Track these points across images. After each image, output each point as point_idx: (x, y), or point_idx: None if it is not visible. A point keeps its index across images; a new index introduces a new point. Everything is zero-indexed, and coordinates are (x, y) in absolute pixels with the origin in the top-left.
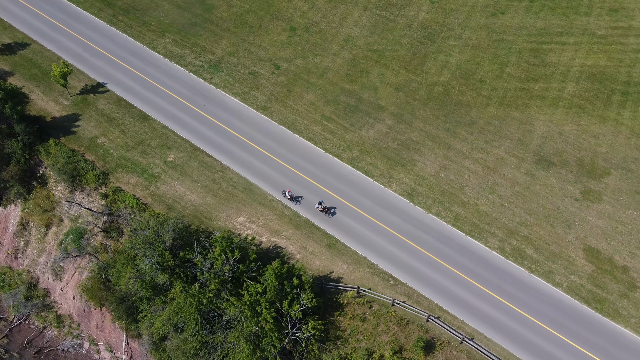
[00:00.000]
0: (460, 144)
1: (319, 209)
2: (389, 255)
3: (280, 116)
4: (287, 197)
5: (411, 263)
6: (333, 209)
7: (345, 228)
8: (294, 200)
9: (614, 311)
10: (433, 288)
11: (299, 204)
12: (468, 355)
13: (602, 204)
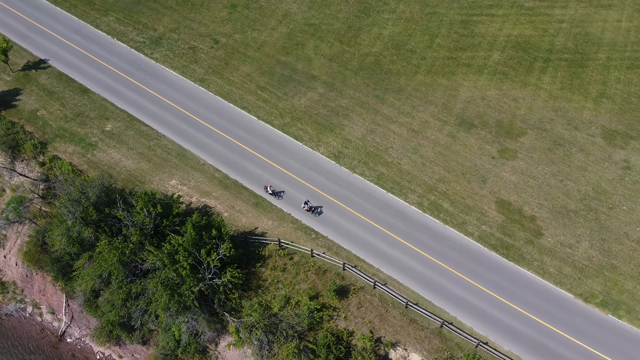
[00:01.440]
0: (388, 109)
1: (305, 209)
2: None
3: (217, 87)
4: (269, 192)
5: (332, 218)
6: (319, 208)
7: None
8: (275, 195)
9: (519, 256)
10: (352, 240)
11: (280, 199)
12: (380, 298)
13: (516, 161)
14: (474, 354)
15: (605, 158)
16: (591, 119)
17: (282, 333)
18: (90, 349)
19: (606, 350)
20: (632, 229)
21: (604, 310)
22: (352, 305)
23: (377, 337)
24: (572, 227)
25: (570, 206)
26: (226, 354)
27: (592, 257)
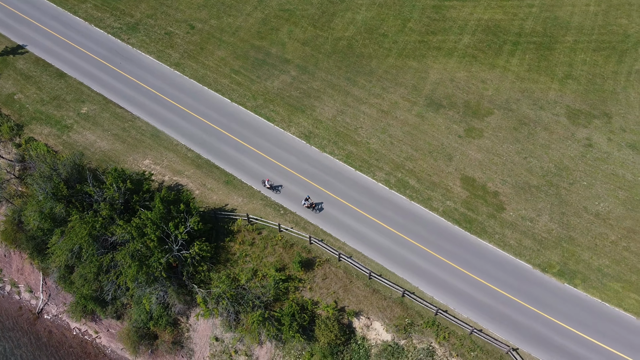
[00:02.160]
0: (359, 91)
1: (305, 205)
2: (282, 189)
3: (192, 71)
4: (267, 186)
5: (302, 195)
6: (320, 204)
7: (243, 167)
8: (273, 189)
9: (482, 230)
10: (319, 215)
11: (279, 193)
12: (345, 270)
13: (482, 139)
14: (433, 321)
15: (569, 136)
16: (556, 99)
17: (249, 303)
18: (67, 326)
19: (561, 316)
20: (590, 203)
21: (560, 280)
22: (318, 277)
23: (341, 306)
24: (534, 201)
25: (533, 182)
26: (197, 325)
27: (551, 229)
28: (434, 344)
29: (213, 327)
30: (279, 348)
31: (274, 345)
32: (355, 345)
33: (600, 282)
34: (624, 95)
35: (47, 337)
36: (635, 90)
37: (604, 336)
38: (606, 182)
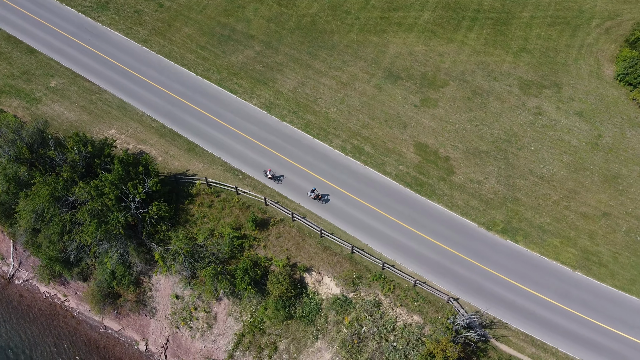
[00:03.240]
0: (320, 64)
1: (311, 197)
2: (240, 155)
3: (159, 47)
4: (269, 176)
5: (259, 160)
6: (326, 196)
7: (205, 135)
8: (275, 179)
9: (431, 192)
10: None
11: (280, 182)
12: (298, 229)
13: (437, 109)
14: (380, 274)
15: (519, 105)
16: (510, 71)
17: (205, 260)
18: (37, 290)
19: (501, 269)
20: (536, 166)
21: (503, 236)
22: (272, 236)
23: (293, 262)
24: (482, 165)
25: (483, 147)
26: (159, 284)
27: (497, 191)
28: (380, 296)
29: (174, 285)
30: (235, 304)
31: (231, 302)
32: (306, 298)
33: (541, 238)
34: (575, 67)
35: (18, 301)
36: (585, 62)
37: (541, 287)
38: (552, 147)
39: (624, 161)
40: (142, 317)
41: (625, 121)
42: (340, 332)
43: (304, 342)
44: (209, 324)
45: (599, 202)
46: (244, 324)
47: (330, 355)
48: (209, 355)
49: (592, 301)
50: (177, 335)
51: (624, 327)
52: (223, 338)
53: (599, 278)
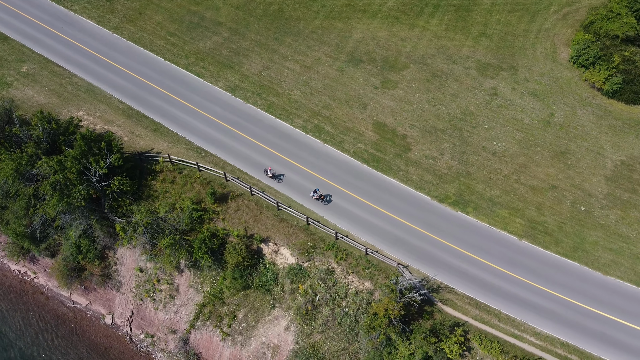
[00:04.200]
0: (285, 49)
1: (314, 197)
2: (204, 135)
3: (130, 34)
4: (269, 175)
5: (222, 139)
6: (329, 196)
7: (171, 116)
8: (275, 178)
9: (388, 168)
10: (237, 156)
11: (280, 181)
12: (256, 203)
13: (396, 90)
14: (333, 244)
15: (476, 86)
16: (469, 55)
17: (165, 232)
18: (7, 268)
19: (451, 238)
20: (489, 143)
21: (454, 209)
22: (231, 209)
23: (251, 234)
24: (438, 142)
25: (439, 126)
26: (123, 258)
27: (451, 166)
28: (333, 264)
29: (138, 259)
30: (196, 275)
31: (192, 273)
32: (263, 268)
33: (490, 209)
34: (532, 50)
35: None
36: (542, 46)
37: (489, 254)
38: (506, 125)
39: (573, 138)
40: (108, 291)
41: (577, 100)
42: (296, 300)
43: (261, 311)
44: (171, 296)
45: (548, 175)
46: (204, 295)
47: (286, 322)
48: (172, 326)
49: (536, 267)
50: (141, 308)
51: (564, 290)
52: (185, 309)
53: (544, 246)
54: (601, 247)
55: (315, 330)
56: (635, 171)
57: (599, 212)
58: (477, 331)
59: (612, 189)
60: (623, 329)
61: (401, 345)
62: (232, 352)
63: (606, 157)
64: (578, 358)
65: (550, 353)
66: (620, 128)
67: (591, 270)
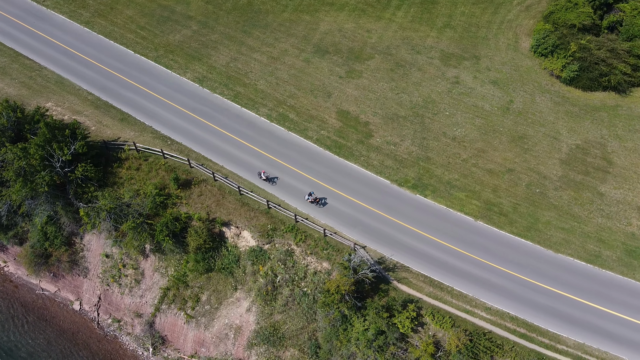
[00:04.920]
0: (253, 41)
1: (309, 200)
2: (171, 124)
3: (101, 28)
4: (263, 178)
5: (188, 128)
6: (324, 199)
7: (138, 106)
8: (269, 181)
9: (349, 153)
10: (202, 144)
11: (274, 184)
12: (219, 188)
13: (361, 79)
14: (293, 226)
15: (439, 75)
16: (433, 45)
17: (129, 217)
18: None
19: (408, 220)
20: (449, 129)
21: (413, 192)
22: (194, 194)
23: (213, 218)
24: (399, 129)
25: (401, 113)
26: (90, 245)
27: (412, 152)
28: (292, 246)
29: (104, 245)
30: (161, 260)
31: (157, 258)
32: (225, 251)
33: (448, 192)
34: (494, 41)
35: None
36: (505, 36)
37: (445, 235)
38: (466, 112)
39: (531, 123)
40: (76, 277)
41: (536, 88)
42: (257, 281)
43: (224, 293)
44: (137, 280)
45: (505, 159)
46: (169, 279)
47: (248, 303)
48: (137, 310)
49: (490, 246)
50: (108, 293)
51: (515, 268)
52: (150, 293)
53: (498, 226)
54: (553, 227)
55: (276, 311)
56: (589, 154)
57: (552, 194)
58: (431, 307)
59: (566, 171)
60: (571, 303)
61: (356, 322)
62: (196, 334)
63: (562, 142)
64: (526, 330)
65: (500, 327)
66: (577, 114)
67: (543, 249)
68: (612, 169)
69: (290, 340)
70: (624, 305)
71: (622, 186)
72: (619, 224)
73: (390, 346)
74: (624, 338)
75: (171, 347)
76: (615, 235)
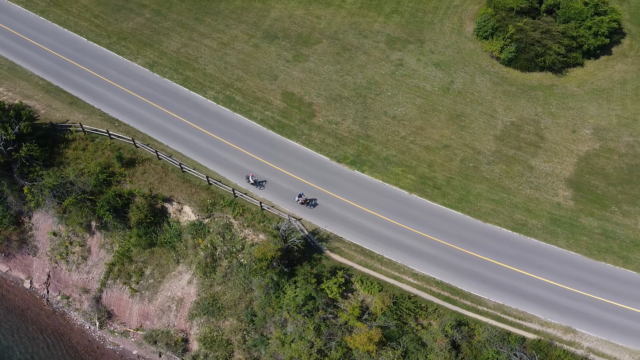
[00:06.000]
0: (204, 28)
1: (299, 202)
2: (120, 107)
3: (56, 17)
4: (251, 182)
5: (136, 110)
6: (314, 200)
7: (88, 91)
8: (257, 184)
9: (292, 132)
10: (149, 126)
11: (262, 188)
12: (163, 166)
13: (307, 63)
14: (231, 201)
15: (384, 58)
16: (379, 30)
17: (73, 195)
18: None
19: (346, 194)
20: (390, 108)
21: (351, 167)
22: (138, 172)
23: (155, 194)
24: (342, 109)
25: (344, 94)
26: (39, 224)
27: (352, 130)
28: (231, 219)
29: (52, 223)
30: (107, 236)
31: (102, 235)
32: (167, 226)
33: (385, 167)
34: (440, 25)
35: None
36: (450, 21)
37: (379, 207)
38: (408, 93)
39: (469, 102)
40: (26, 256)
41: (476, 69)
42: (198, 254)
43: (167, 267)
44: (83, 257)
45: (442, 136)
46: (114, 254)
47: (189, 276)
48: (85, 285)
49: (422, 217)
50: (56, 270)
51: (444, 236)
52: (96, 269)
53: (432, 198)
54: (484, 198)
55: (215, 282)
56: (522, 130)
57: (485, 168)
58: (361, 274)
59: (499, 146)
60: (494, 268)
61: (288, 289)
62: (140, 307)
63: (497, 119)
64: (450, 294)
65: (425, 291)
66: (514, 93)
67: (472, 219)
68: (544, 144)
69: (229, 310)
70: (543, 269)
71: (551, 159)
72: (546, 195)
73: (319, 311)
74: (540, 298)
75: (117, 321)
76: (542, 205)
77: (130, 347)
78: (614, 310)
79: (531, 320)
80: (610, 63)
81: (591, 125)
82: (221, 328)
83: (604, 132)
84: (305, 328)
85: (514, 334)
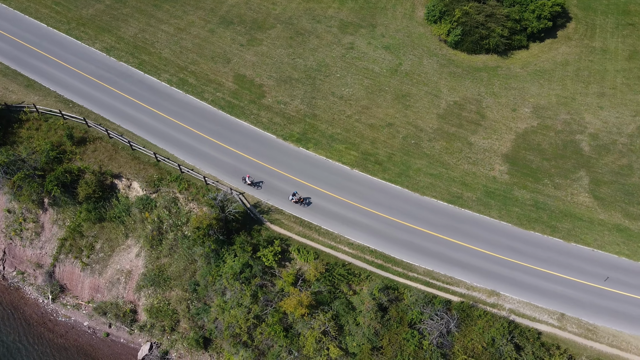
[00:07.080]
0: (162, 14)
1: (293, 200)
2: (75, 89)
3: (17, 4)
4: (248, 182)
5: (91, 92)
6: (308, 199)
7: (45, 74)
8: (254, 185)
9: (241, 112)
10: (103, 107)
11: (260, 188)
12: (113, 145)
13: (260, 46)
14: (177, 176)
15: (335, 42)
16: (333, 15)
17: (23, 170)
18: None
19: (290, 169)
20: (338, 89)
21: (297, 145)
22: (89, 150)
23: (105, 170)
24: (291, 90)
25: (295, 76)
26: None
27: (300, 110)
28: (177, 194)
29: (6, 201)
30: (59, 213)
31: (55, 211)
32: (116, 201)
33: (329, 145)
34: (392, 11)
35: None
36: (402, 6)
37: (321, 181)
38: (356, 74)
39: (416, 83)
40: None
41: (425, 52)
42: (145, 228)
43: (116, 241)
44: (37, 233)
45: (387, 115)
46: (66, 229)
47: (137, 249)
48: (38, 261)
49: (362, 191)
50: (11, 247)
51: (382, 208)
52: (49, 244)
53: (372, 173)
54: (423, 173)
55: (162, 254)
56: (464, 109)
57: (426, 144)
58: (298, 244)
59: (441, 124)
60: (427, 237)
61: (228, 258)
62: (91, 281)
63: (442, 99)
64: (382, 261)
65: (360, 259)
66: (460, 74)
67: (410, 192)
68: (484, 122)
69: (174, 281)
70: (475, 238)
71: (490, 136)
72: (483, 169)
73: (256, 278)
74: (468, 264)
75: (70, 294)
76: (478, 179)
77: (82, 318)
78: (537, 274)
79: (458, 285)
80: (555, 46)
81: (531, 104)
82: (167, 298)
83: (542, 111)
84: (242, 295)
85: (441, 297)
